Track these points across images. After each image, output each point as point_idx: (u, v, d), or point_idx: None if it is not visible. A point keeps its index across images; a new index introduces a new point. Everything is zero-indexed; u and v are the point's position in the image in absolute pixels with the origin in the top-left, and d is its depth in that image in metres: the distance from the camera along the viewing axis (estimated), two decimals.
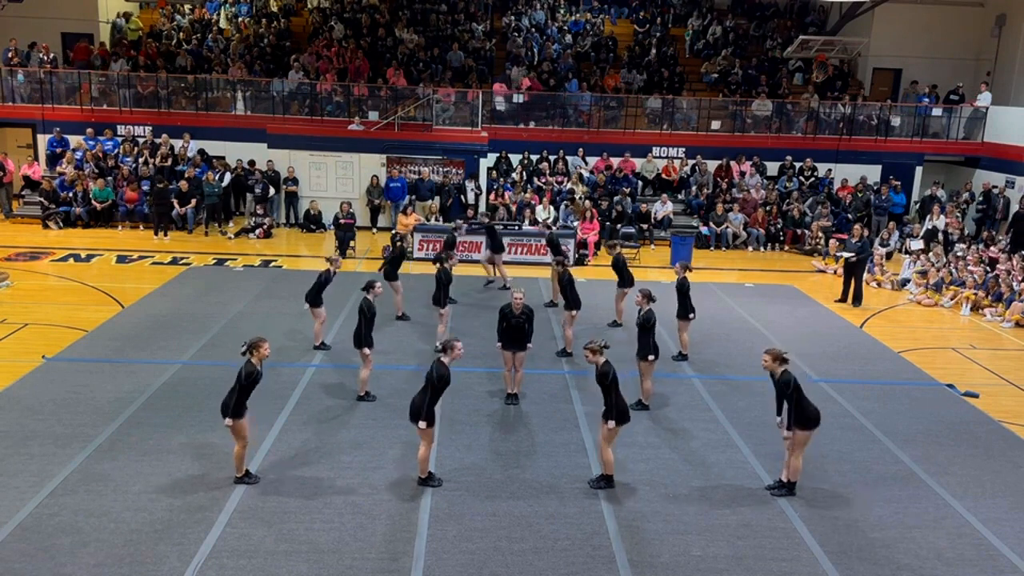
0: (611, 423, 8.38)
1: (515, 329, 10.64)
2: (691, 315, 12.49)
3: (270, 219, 20.98)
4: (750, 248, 21.64)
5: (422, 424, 8.24)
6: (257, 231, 20.45)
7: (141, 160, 21.70)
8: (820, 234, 21.10)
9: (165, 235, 19.94)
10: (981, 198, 22.23)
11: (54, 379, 10.95)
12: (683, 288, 12.38)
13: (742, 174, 23.28)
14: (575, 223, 20.20)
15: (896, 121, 24.17)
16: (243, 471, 8.50)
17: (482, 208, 21.59)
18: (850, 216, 21.66)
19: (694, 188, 22.97)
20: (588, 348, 8.56)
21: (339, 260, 12.61)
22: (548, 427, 10.21)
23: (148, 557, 7.20)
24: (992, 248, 18.92)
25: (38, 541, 7.37)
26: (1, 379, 10.81)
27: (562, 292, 12.71)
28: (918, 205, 23.24)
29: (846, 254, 16.53)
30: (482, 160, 21.97)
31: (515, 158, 23.01)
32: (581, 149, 23.26)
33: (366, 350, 10.42)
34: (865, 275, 17.20)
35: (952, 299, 16.82)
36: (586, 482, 8.82)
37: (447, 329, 12.69)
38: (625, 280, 14.00)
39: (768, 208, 22.09)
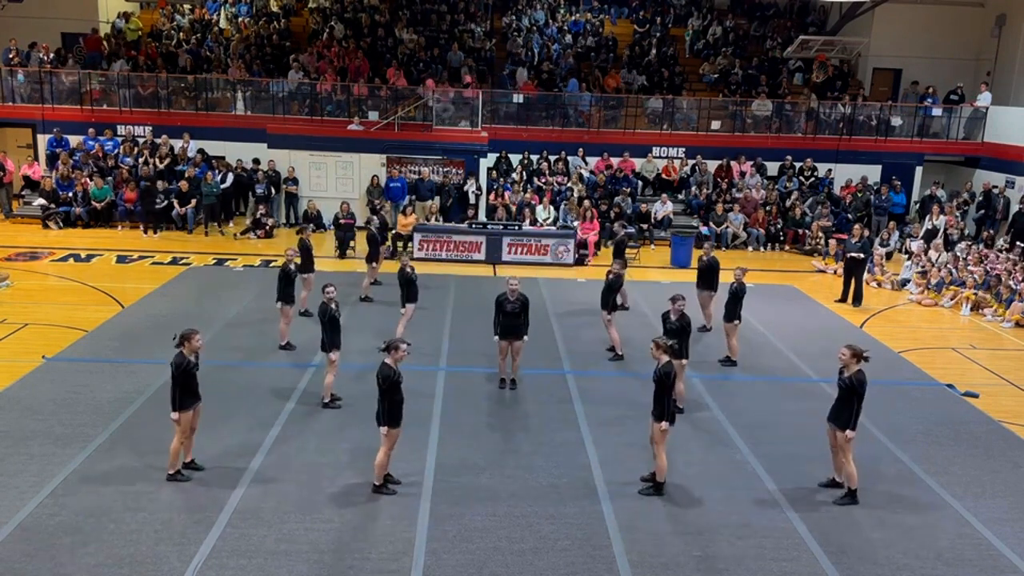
0: (665, 424, 8.31)
1: (510, 317, 10.88)
2: (737, 320, 12.29)
3: (272, 220, 20.99)
4: (750, 248, 21.63)
5: (383, 429, 8.18)
6: (258, 231, 20.44)
7: (141, 160, 21.70)
8: (820, 234, 21.10)
9: (154, 233, 19.95)
10: (981, 198, 22.24)
11: (54, 379, 10.95)
12: (740, 293, 12.13)
13: (742, 174, 23.27)
14: (575, 223, 20.21)
15: (896, 121, 24.17)
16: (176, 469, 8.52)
17: (483, 208, 21.60)
18: (850, 216, 21.66)
19: (694, 188, 22.98)
20: (655, 342, 8.43)
21: (295, 252, 12.68)
22: (548, 427, 10.21)
23: (148, 557, 7.20)
24: (1009, 253, 18.64)
25: (38, 541, 7.37)
26: (1, 379, 10.81)
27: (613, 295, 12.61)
28: (918, 205, 23.24)
29: (854, 253, 16.48)
30: (482, 160, 21.97)
31: (515, 158, 23.02)
32: (581, 149, 23.26)
33: (332, 355, 10.28)
34: (865, 275, 17.21)
35: (952, 299, 16.82)
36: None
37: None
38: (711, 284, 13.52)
39: (768, 208, 22.09)
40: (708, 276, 13.63)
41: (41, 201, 20.58)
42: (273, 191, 21.32)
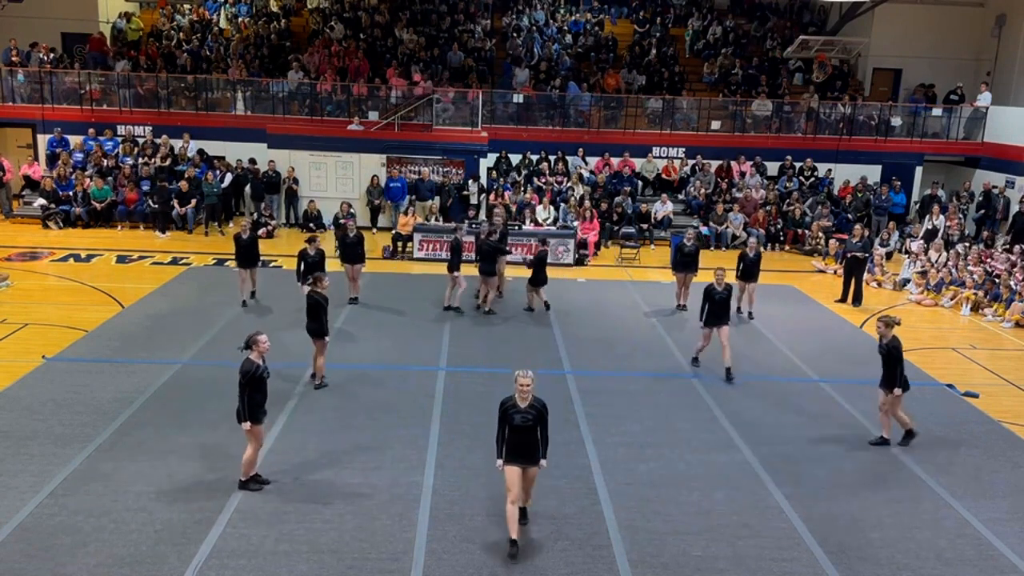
0: (898, 390, 9.63)
1: (522, 433, 7.38)
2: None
3: (274, 220, 20.97)
4: None
5: (245, 425, 8.12)
6: (260, 231, 20.42)
7: (141, 160, 21.70)
8: (820, 234, 21.10)
9: (163, 232, 19.97)
10: (981, 198, 22.24)
11: (54, 379, 10.95)
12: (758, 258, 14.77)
13: (742, 174, 23.27)
14: (575, 223, 20.21)
15: (896, 121, 24.18)
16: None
17: (483, 208, 21.59)
18: (850, 216, 21.66)
19: (692, 189, 22.98)
20: (882, 320, 9.83)
21: (248, 225, 14.27)
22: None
23: (148, 557, 7.20)
24: (1008, 252, 18.58)
25: (38, 541, 7.37)
26: (1, 379, 10.82)
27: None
28: (918, 205, 23.25)
29: (855, 252, 16.46)
30: (482, 160, 21.97)
31: (515, 158, 23.02)
32: (581, 149, 23.27)
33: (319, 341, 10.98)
34: (865, 275, 17.20)
35: (952, 299, 16.82)
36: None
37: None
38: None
39: (768, 208, 22.09)
40: (695, 261, 15.26)
41: (41, 201, 20.58)
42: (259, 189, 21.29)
